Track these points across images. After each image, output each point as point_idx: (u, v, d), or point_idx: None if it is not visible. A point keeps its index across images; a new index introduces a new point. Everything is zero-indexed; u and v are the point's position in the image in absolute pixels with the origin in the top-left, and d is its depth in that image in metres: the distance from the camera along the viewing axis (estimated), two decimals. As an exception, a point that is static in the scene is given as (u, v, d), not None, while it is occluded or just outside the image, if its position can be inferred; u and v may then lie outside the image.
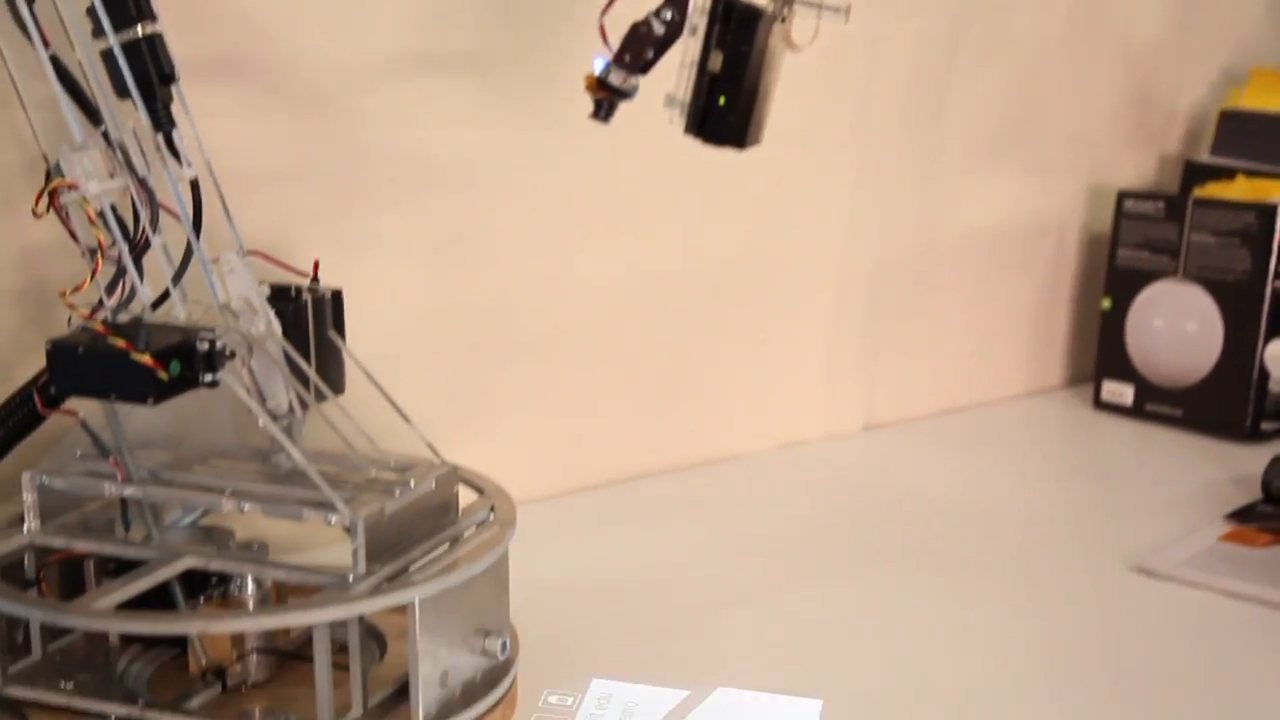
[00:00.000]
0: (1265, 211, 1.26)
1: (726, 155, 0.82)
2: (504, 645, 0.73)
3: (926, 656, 0.84)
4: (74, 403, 0.72)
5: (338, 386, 0.78)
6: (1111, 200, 1.37)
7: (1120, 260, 1.36)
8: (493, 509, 0.77)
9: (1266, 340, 1.26)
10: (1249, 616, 0.90)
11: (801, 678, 0.80)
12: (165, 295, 0.72)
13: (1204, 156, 1.43)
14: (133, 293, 0.71)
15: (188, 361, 0.68)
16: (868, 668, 0.83)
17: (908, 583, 0.95)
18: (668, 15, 0.80)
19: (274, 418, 0.72)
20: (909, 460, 1.22)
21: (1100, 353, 1.38)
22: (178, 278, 0.72)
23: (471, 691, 0.72)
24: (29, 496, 0.73)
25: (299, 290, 0.77)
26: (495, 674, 0.74)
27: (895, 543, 1.03)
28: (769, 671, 0.81)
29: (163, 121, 0.72)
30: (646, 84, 0.81)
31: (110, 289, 0.71)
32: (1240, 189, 1.33)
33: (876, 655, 0.85)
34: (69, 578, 0.74)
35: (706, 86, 0.81)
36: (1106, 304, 1.37)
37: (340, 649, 0.70)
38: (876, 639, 0.87)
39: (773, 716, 0.76)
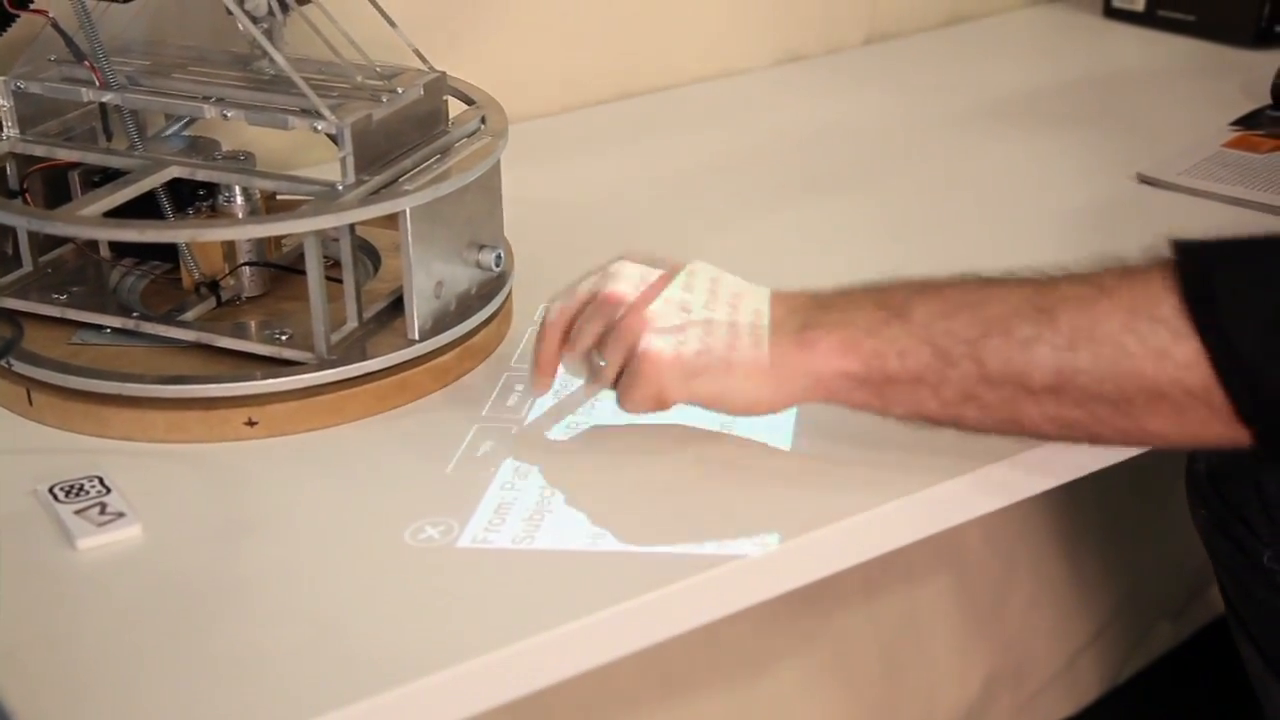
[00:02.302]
0: None
1: None
2: (498, 258, 0.73)
3: (916, 260, 0.83)
4: (44, 1, 0.69)
5: (319, -12, 0.75)
6: None
7: None
8: (483, 120, 0.75)
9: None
10: (1249, 222, 0.89)
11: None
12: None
13: None
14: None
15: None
16: (860, 274, 0.82)
17: (909, 191, 0.95)
18: None
19: (253, 20, 0.69)
20: (911, 74, 1.19)
21: (1113, -45, 1.32)
22: None
23: (467, 304, 0.72)
24: (5, 102, 0.70)
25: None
26: (490, 287, 0.74)
27: (897, 155, 1.02)
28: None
29: None
30: None
31: None
32: None
33: (876, 263, 0.84)
34: (53, 189, 0.73)
35: None
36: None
37: (334, 264, 0.69)
38: (876, 247, 0.87)
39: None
